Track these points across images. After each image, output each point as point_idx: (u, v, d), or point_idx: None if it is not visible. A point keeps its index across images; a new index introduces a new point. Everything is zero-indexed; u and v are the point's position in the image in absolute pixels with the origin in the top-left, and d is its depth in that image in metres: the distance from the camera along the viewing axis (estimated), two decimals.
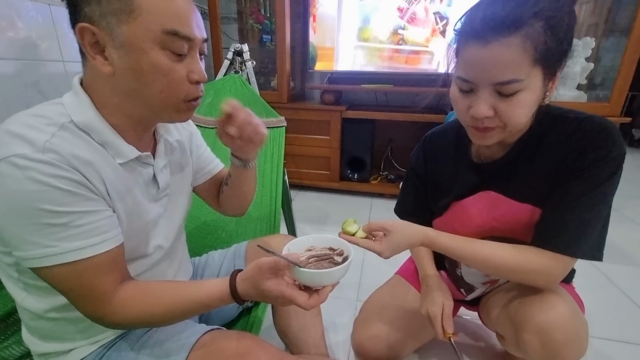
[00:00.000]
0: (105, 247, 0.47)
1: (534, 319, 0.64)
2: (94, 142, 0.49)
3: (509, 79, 0.53)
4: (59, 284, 0.47)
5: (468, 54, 0.55)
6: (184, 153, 0.68)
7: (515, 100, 0.54)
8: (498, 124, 0.58)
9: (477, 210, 0.72)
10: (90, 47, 0.46)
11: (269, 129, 1.29)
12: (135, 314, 0.50)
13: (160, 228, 0.61)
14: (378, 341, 0.85)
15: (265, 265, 0.50)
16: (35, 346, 0.57)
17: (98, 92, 0.50)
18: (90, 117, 0.49)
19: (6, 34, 1.01)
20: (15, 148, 0.41)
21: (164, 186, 0.60)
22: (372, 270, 1.41)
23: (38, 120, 0.45)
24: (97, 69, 0.47)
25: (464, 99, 0.59)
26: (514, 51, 0.51)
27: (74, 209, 0.44)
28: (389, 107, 2.28)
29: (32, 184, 0.41)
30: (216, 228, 1.13)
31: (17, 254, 0.45)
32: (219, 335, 0.59)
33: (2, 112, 1.00)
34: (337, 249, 0.60)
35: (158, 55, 0.47)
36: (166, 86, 0.49)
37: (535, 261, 0.62)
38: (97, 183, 0.47)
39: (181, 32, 0.47)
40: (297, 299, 0.50)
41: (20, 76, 1.06)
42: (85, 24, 0.45)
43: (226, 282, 0.53)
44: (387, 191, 2.17)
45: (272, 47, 2.23)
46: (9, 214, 0.42)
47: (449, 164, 0.77)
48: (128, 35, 0.45)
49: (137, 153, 0.54)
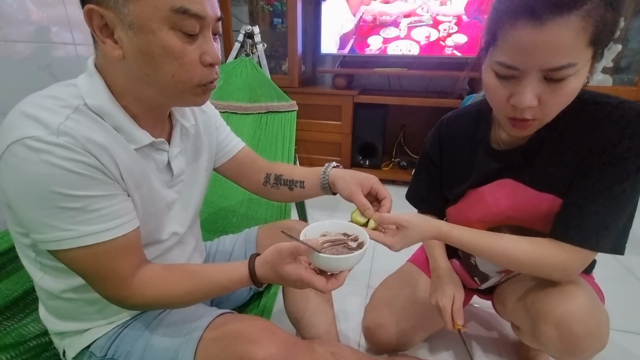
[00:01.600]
0: (122, 230, 0.47)
1: (552, 311, 0.62)
2: (108, 126, 0.48)
3: (565, 63, 0.47)
4: (77, 266, 0.47)
5: (516, 36, 0.48)
6: (200, 138, 0.66)
7: (564, 86, 0.49)
8: (538, 115, 0.53)
9: (493, 199, 0.69)
10: (100, 30, 0.45)
11: (280, 114, 1.27)
12: (155, 296, 0.51)
13: (175, 214, 0.61)
14: (388, 328, 0.85)
15: (286, 250, 0.50)
16: (52, 325, 0.58)
17: (111, 76, 0.49)
18: (104, 101, 0.48)
19: (18, 17, 1.00)
20: (29, 130, 0.41)
21: (179, 173, 0.59)
22: (383, 257, 1.40)
23: (52, 102, 0.44)
24: (108, 53, 0.45)
25: (503, 87, 0.53)
26: (573, 32, 0.45)
27: (89, 192, 0.44)
28: (403, 91, 2.22)
29: (47, 167, 0.41)
30: (227, 213, 1.14)
31: (35, 237, 0.45)
32: (231, 318, 0.59)
33: (16, 95, 0.99)
34: (351, 235, 0.60)
35: (168, 36, 0.44)
36: (178, 69, 0.46)
37: (553, 255, 0.60)
38: (111, 167, 0.47)
39: (191, 9, 0.44)
40: (315, 283, 0.51)
41: (33, 59, 1.06)
42: (93, 6, 0.43)
43: (245, 265, 0.53)
44: (399, 178, 2.13)
45: (283, 29, 2.18)
46: (25, 197, 0.42)
47: (466, 149, 0.74)
48: (135, 14, 0.43)
49: (151, 139, 0.53)
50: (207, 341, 0.54)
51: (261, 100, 1.28)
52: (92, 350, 0.57)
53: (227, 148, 0.75)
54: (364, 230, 0.59)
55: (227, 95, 1.28)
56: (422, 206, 0.87)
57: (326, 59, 2.33)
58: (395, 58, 2.08)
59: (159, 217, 0.57)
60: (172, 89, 0.48)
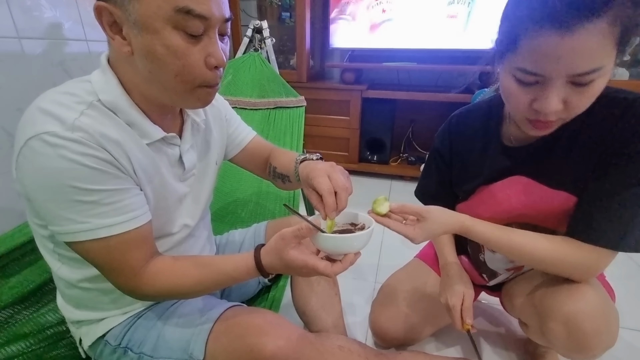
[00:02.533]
0: (134, 224, 0.49)
1: (561, 308, 0.61)
2: (121, 122, 0.49)
3: (592, 68, 0.45)
4: (92, 258, 0.49)
5: (540, 43, 0.46)
6: (211, 132, 0.67)
7: (589, 89, 0.48)
8: (562, 116, 0.52)
9: (505, 196, 0.69)
10: (109, 27, 0.45)
11: (288, 109, 1.28)
12: (166, 287, 0.52)
13: (186, 207, 0.62)
14: (396, 323, 0.86)
15: (289, 233, 0.50)
16: (69, 314, 0.61)
17: (122, 71, 0.49)
18: (117, 97, 0.48)
19: (32, 14, 1.02)
20: (46, 126, 0.42)
21: (190, 167, 0.60)
22: (390, 252, 1.41)
23: (67, 98, 0.45)
24: (118, 49, 0.46)
25: (525, 93, 0.52)
26: (600, 37, 0.43)
27: (103, 187, 0.45)
28: (412, 86, 2.20)
29: (63, 161, 0.42)
30: (236, 207, 1.15)
31: (53, 229, 0.46)
32: (241, 311, 0.60)
33: (31, 91, 1.02)
34: (358, 224, 0.59)
35: (171, 36, 0.44)
36: (181, 70, 0.46)
37: (575, 254, 0.59)
38: (124, 162, 0.48)
39: (195, 10, 0.43)
40: (320, 267, 0.49)
41: (46, 56, 1.08)
42: (102, 3, 0.44)
43: (251, 255, 0.54)
44: (407, 173, 2.12)
45: (291, 24, 2.17)
46: (42, 190, 0.44)
47: (477, 145, 0.73)
48: (140, 13, 0.43)
49: (163, 134, 0.53)
50: (217, 332, 0.56)
51: (270, 95, 1.29)
52: (107, 339, 0.59)
53: (238, 139, 0.76)
54: (371, 219, 0.58)
55: (236, 90, 1.29)
56: (431, 203, 0.86)
57: (334, 53, 2.32)
58: (404, 52, 2.05)
59: (170, 210, 0.59)
60: (174, 88, 0.48)
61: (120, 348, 0.58)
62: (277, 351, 0.52)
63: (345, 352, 0.63)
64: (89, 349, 0.61)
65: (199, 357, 0.54)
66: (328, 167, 0.55)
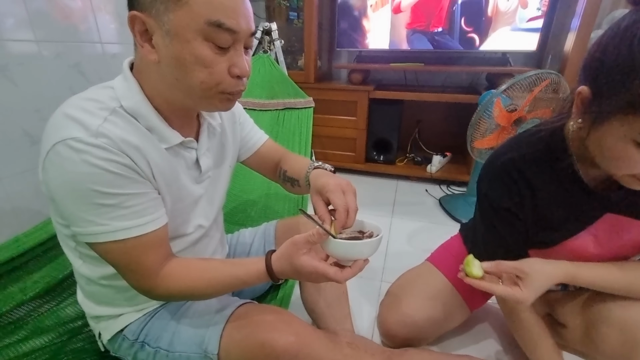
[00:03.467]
0: (151, 227, 0.51)
1: (619, 315, 0.60)
2: (141, 127, 0.51)
3: None
4: (110, 258, 0.51)
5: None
6: (226, 135, 0.69)
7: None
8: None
9: (592, 238, 0.64)
10: (140, 35, 0.47)
11: (297, 110, 1.30)
12: (179, 288, 0.54)
13: (201, 208, 0.64)
14: (404, 324, 0.86)
15: (301, 239, 0.52)
16: (89, 309, 0.63)
17: (145, 78, 0.52)
18: (138, 103, 0.51)
19: (50, 18, 1.05)
20: (71, 131, 0.44)
21: (206, 169, 0.62)
22: (396, 254, 1.42)
23: (92, 105, 0.48)
24: (144, 56, 0.48)
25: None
26: None
27: (123, 191, 0.47)
28: (419, 86, 2.20)
29: (87, 166, 0.44)
30: (246, 206, 1.18)
31: (74, 229, 0.49)
32: (253, 308, 0.63)
33: (48, 93, 1.06)
34: (366, 232, 0.60)
35: (201, 46, 0.46)
36: (207, 77, 0.48)
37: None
38: (143, 167, 0.50)
39: (225, 23, 0.46)
40: (330, 273, 0.51)
41: (63, 58, 1.11)
42: (136, 12, 0.46)
43: (262, 260, 0.55)
44: (413, 173, 2.13)
45: (299, 24, 2.18)
46: (67, 193, 0.46)
47: (552, 190, 0.64)
48: (173, 23, 0.45)
49: (181, 139, 0.56)
50: (230, 329, 0.58)
51: (279, 96, 1.31)
52: (125, 334, 0.62)
53: (250, 143, 0.77)
54: (380, 227, 0.58)
55: (246, 91, 1.30)
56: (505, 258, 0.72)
57: (342, 54, 2.33)
58: (411, 53, 2.06)
59: (186, 212, 0.61)
60: (198, 94, 0.50)
61: (138, 342, 0.61)
62: (288, 346, 0.54)
63: (353, 348, 0.65)
64: (108, 343, 0.63)
65: (214, 352, 0.56)
66: (344, 185, 0.57)
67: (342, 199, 0.55)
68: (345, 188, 0.57)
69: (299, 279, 0.59)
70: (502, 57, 1.97)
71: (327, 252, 0.53)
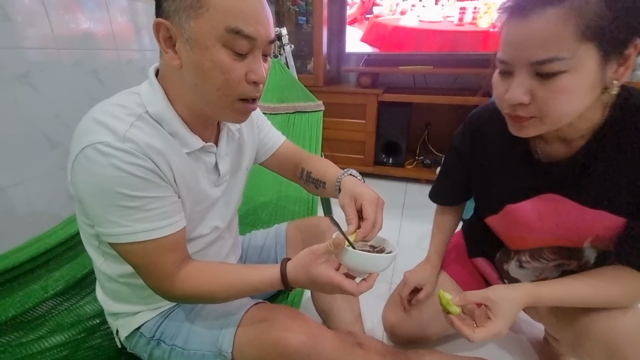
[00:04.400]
0: (170, 230, 0.52)
1: (602, 328, 0.59)
2: (165, 132, 0.53)
3: (548, 56, 0.46)
4: (130, 259, 0.53)
5: (506, 31, 0.51)
6: (244, 139, 0.71)
7: (556, 82, 0.47)
8: (534, 113, 0.51)
9: (537, 214, 0.65)
10: (164, 41, 0.49)
11: (307, 113, 1.31)
12: (194, 291, 0.55)
13: (218, 210, 0.66)
14: (409, 321, 0.87)
15: (320, 249, 0.52)
16: (108, 306, 0.65)
17: (169, 83, 0.54)
18: (162, 108, 0.52)
19: (69, 26, 1.09)
20: (100, 136, 0.46)
21: (224, 173, 0.64)
22: (405, 254, 1.41)
23: (119, 110, 0.50)
24: (168, 62, 0.50)
25: (502, 84, 0.54)
26: (553, 24, 0.45)
27: (146, 194, 0.49)
28: (428, 89, 2.20)
29: (113, 170, 0.46)
30: (256, 209, 1.19)
31: (98, 229, 0.51)
32: (265, 308, 0.64)
33: (67, 98, 1.10)
34: (377, 247, 0.61)
35: (219, 53, 0.48)
36: (224, 83, 0.50)
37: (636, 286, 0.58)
38: (166, 171, 0.51)
39: (244, 31, 0.47)
40: (346, 285, 0.51)
41: (81, 65, 1.15)
42: (161, 20, 0.48)
43: (277, 268, 0.55)
44: (423, 176, 2.13)
45: (308, 29, 2.21)
46: (94, 194, 0.48)
47: (501, 154, 0.69)
48: (194, 30, 0.47)
49: (202, 144, 0.57)
50: (244, 327, 0.59)
51: (289, 100, 1.33)
52: (142, 331, 0.64)
53: (269, 145, 0.79)
54: (392, 242, 0.59)
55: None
56: (447, 202, 0.88)
57: (351, 57, 2.35)
58: (421, 56, 2.06)
59: (203, 214, 0.62)
60: (215, 100, 0.52)
61: (154, 340, 0.63)
62: (300, 346, 0.55)
63: (364, 348, 0.66)
64: (125, 340, 0.65)
65: (228, 350, 0.58)
66: (379, 200, 0.60)
67: (374, 211, 0.58)
68: (379, 203, 0.60)
69: (312, 289, 0.60)
70: None
71: (343, 261, 0.53)
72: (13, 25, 0.93)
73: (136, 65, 1.35)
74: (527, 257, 0.73)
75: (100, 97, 0.53)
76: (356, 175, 0.69)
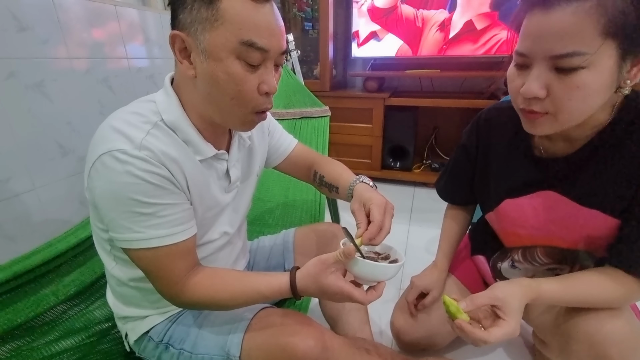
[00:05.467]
0: (182, 237, 0.53)
1: (587, 330, 0.59)
2: (179, 140, 0.54)
3: (569, 51, 0.45)
4: (142, 264, 0.53)
5: (527, 23, 0.49)
6: (254, 145, 0.72)
7: (574, 78, 0.47)
8: (548, 109, 0.50)
9: (532, 210, 0.66)
10: (179, 52, 0.50)
11: (313, 119, 1.32)
12: (203, 298, 0.55)
13: (228, 216, 0.66)
14: (417, 327, 0.86)
15: (330, 258, 0.52)
16: (118, 309, 0.66)
17: (183, 92, 0.55)
18: (177, 116, 0.54)
19: (81, 36, 1.12)
20: (117, 143, 0.47)
21: (235, 180, 0.65)
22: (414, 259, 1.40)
23: (136, 118, 0.51)
24: (183, 72, 0.51)
25: (518, 77, 0.53)
26: (578, 18, 0.44)
27: (160, 201, 0.50)
28: (435, 93, 2.19)
29: (129, 177, 0.47)
30: (264, 214, 1.20)
31: (112, 235, 0.52)
32: (274, 312, 0.64)
33: (78, 106, 1.12)
34: (382, 254, 0.61)
35: (233, 64, 0.49)
36: (237, 94, 0.51)
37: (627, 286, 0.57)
38: (180, 178, 0.52)
39: (257, 43, 0.48)
40: (355, 295, 0.52)
41: (92, 73, 1.17)
42: (177, 32, 0.49)
43: (286, 276, 0.55)
44: (430, 180, 2.11)
45: (314, 35, 2.23)
46: (109, 200, 0.49)
47: (504, 150, 0.69)
48: (209, 42, 0.48)
49: (214, 151, 0.58)
50: (252, 332, 0.59)
51: (295, 106, 1.34)
52: (151, 335, 0.64)
53: (281, 150, 0.80)
54: (396, 249, 0.60)
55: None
56: (454, 199, 0.88)
57: (357, 62, 2.36)
58: (427, 59, 2.06)
59: (213, 220, 0.63)
60: (228, 110, 0.53)
61: (162, 344, 0.63)
62: (308, 350, 0.55)
63: (372, 354, 0.65)
64: (134, 343, 0.66)
65: (236, 354, 0.57)
66: (388, 204, 0.61)
67: (381, 215, 0.58)
68: (387, 207, 0.60)
69: (322, 298, 0.60)
70: None
71: (351, 270, 0.54)
72: (28, 36, 0.96)
73: (145, 73, 1.37)
74: (520, 256, 0.73)
75: (111, 105, 0.54)
76: (368, 182, 0.69)
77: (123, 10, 1.25)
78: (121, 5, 1.25)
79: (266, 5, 0.49)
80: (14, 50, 0.93)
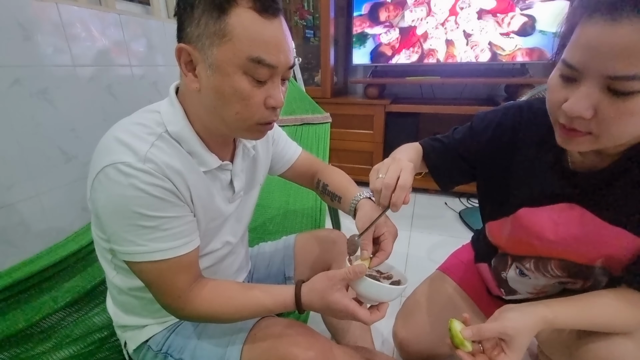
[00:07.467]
0: (185, 250, 0.53)
1: (598, 353, 0.57)
2: (184, 151, 0.54)
3: (631, 73, 0.39)
4: (144, 277, 0.53)
5: (586, 32, 0.42)
6: (258, 155, 0.71)
7: (628, 103, 0.41)
8: (592, 129, 0.45)
9: (551, 223, 0.61)
10: (185, 65, 0.50)
11: (314, 125, 1.32)
12: (206, 311, 0.55)
13: (231, 226, 0.66)
14: (420, 337, 0.85)
15: (338, 276, 0.52)
16: (117, 318, 0.66)
17: (188, 103, 0.55)
18: (182, 128, 0.53)
19: (85, 44, 1.13)
20: (121, 156, 0.47)
21: (239, 190, 0.65)
22: (415, 267, 1.40)
23: (140, 129, 0.51)
24: (188, 84, 0.51)
25: (562, 89, 0.46)
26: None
27: (164, 214, 0.50)
28: (435, 99, 2.20)
29: (133, 190, 0.47)
30: (264, 221, 1.20)
31: (114, 247, 0.51)
32: (273, 321, 0.63)
33: (82, 113, 1.13)
34: (384, 273, 0.61)
35: (240, 80, 0.48)
36: (242, 108, 0.51)
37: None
38: (184, 191, 0.52)
39: (266, 60, 0.48)
40: (360, 314, 0.52)
41: (96, 80, 1.18)
42: (183, 45, 0.49)
43: (291, 290, 0.55)
44: (431, 186, 2.10)
45: (315, 42, 2.25)
46: (112, 213, 0.49)
47: (531, 154, 0.63)
48: (216, 57, 0.47)
49: (219, 162, 0.58)
50: (251, 343, 0.58)
51: (296, 112, 1.34)
52: (150, 344, 0.63)
53: (286, 158, 0.80)
54: (399, 270, 0.60)
55: None
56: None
57: (358, 69, 2.37)
58: (427, 67, 2.07)
59: (216, 230, 0.63)
60: (233, 123, 0.53)
61: (162, 353, 0.62)
62: None
63: None
64: (133, 352, 0.65)
65: None
66: (395, 230, 0.62)
67: (392, 244, 0.59)
68: (395, 234, 0.61)
69: (325, 313, 0.60)
70: (520, 67, 1.95)
71: (356, 288, 0.54)
72: (33, 44, 0.97)
73: (148, 80, 1.39)
74: (532, 265, 0.71)
75: (114, 111, 0.54)
76: (371, 196, 0.68)
77: (127, 19, 1.27)
78: (125, 14, 1.27)
79: (275, 21, 0.49)
80: (19, 57, 0.94)
